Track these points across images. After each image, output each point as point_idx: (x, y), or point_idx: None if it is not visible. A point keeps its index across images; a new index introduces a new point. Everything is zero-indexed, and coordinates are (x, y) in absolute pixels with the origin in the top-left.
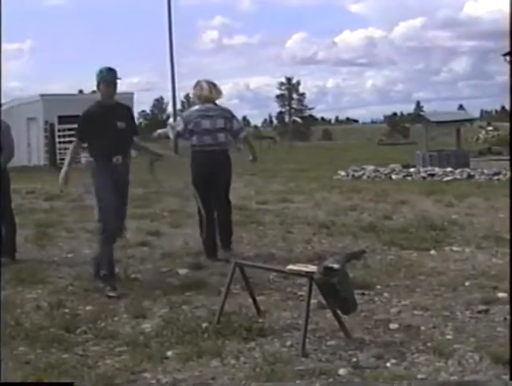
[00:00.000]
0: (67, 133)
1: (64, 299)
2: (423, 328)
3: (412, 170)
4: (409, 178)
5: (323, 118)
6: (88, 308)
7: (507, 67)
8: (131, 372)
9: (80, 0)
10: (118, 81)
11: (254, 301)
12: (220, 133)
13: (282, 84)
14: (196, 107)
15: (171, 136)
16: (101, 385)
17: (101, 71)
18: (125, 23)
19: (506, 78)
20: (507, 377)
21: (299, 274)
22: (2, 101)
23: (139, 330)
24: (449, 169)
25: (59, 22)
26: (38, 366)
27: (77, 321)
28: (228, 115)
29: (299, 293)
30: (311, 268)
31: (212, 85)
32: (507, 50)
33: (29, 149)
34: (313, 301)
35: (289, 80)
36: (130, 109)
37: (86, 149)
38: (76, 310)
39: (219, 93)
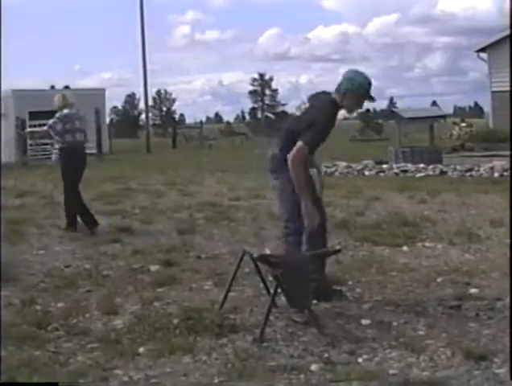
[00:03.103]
0: (38, 129)
1: (36, 296)
2: (394, 324)
3: (385, 166)
4: (382, 174)
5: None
6: (59, 305)
7: (480, 63)
8: (103, 369)
9: None
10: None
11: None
12: (84, 132)
13: (254, 79)
14: (66, 111)
15: (52, 134)
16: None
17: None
18: (97, 19)
19: (479, 74)
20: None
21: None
22: None
23: (111, 326)
24: (422, 165)
25: (32, 17)
26: (10, 363)
27: (49, 318)
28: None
29: (272, 289)
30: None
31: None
32: (480, 46)
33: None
34: None
35: (262, 75)
36: None
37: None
38: (48, 307)
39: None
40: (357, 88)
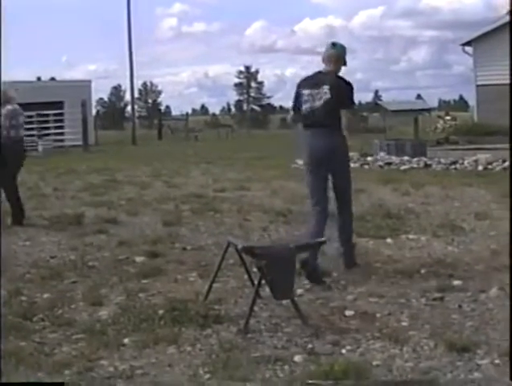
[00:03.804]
0: (25, 120)
1: (21, 287)
2: (378, 315)
3: (369, 158)
4: (366, 166)
5: (281, 107)
6: (45, 296)
7: (466, 57)
8: (88, 360)
9: None
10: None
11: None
12: (24, 127)
13: (240, 72)
14: (10, 107)
15: (5, 132)
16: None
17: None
18: (84, 10)
19: (464, 68)
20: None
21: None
22: None
23: (96, 317)
24: (406, 158)
25: (18, 8)
26: None
27: (34, 308)
28: None
29: (256, 281)
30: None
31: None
32: (466, 40)
33: None
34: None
35: (247, 68)
36: None
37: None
38: (34, 298)
39: None
40: (343, 51)
